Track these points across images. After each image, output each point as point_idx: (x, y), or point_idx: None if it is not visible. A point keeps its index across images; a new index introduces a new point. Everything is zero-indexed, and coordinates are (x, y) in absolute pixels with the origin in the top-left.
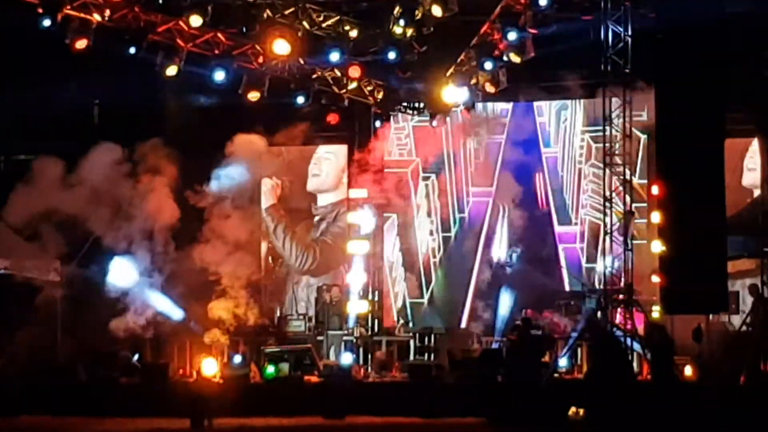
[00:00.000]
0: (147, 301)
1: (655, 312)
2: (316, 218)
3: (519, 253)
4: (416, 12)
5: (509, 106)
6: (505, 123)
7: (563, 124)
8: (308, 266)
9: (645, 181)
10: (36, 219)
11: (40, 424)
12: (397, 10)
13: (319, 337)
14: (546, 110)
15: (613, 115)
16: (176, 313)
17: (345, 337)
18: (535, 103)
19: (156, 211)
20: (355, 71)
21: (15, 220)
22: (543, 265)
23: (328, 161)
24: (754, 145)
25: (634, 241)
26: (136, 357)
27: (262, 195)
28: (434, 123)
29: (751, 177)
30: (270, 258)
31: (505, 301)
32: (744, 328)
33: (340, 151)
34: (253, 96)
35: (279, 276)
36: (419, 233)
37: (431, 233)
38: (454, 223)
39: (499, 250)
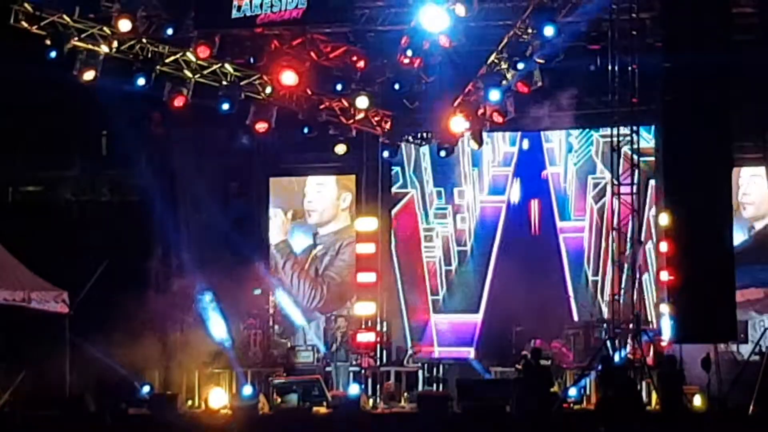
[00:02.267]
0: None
1: (664, 341)
2: (319, 248)
3: None
4: (423, 42)
5: (515, 149)
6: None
7: (593, 189)
8: (316, 304)
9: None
10: None
11: None
12: (404, 40)
13: (327, 368)
14: (559, 157)
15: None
16: (225, 339)
17: (352, 368)
18: (545, 144)
19: None
20: (362, 102)
21: None
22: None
23: (320, 194)
24: (744, 176)
25: None
26: (147, 389)
27: (270, 229)
28: (442, 153)
29: (750, 210)
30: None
31: None
32: (753, 357)
33: (330, 179)
34: (261, 127)
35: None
36: None
37: None
38: None
39: None
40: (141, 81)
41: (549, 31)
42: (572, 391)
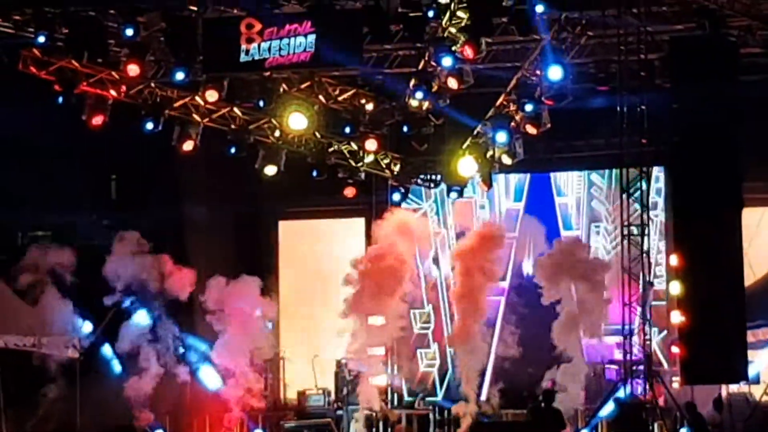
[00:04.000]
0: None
1: (675, 383)
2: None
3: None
4: (432, 84)
5: (520, 205)
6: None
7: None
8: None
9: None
10: None
11: None
12: (413, 82)
13: (339, 412)
14: (576, 218)
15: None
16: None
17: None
18: (558, 199)
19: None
20: (371, 144)
21: None
22: None
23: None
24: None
25: None
26: None
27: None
28: (453, 195)
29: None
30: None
31: None
32: (765, 397)
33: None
34: (270, 170)
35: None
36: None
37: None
38: None
39: None
40: (149, 125)
41: (556, 72)
42: None
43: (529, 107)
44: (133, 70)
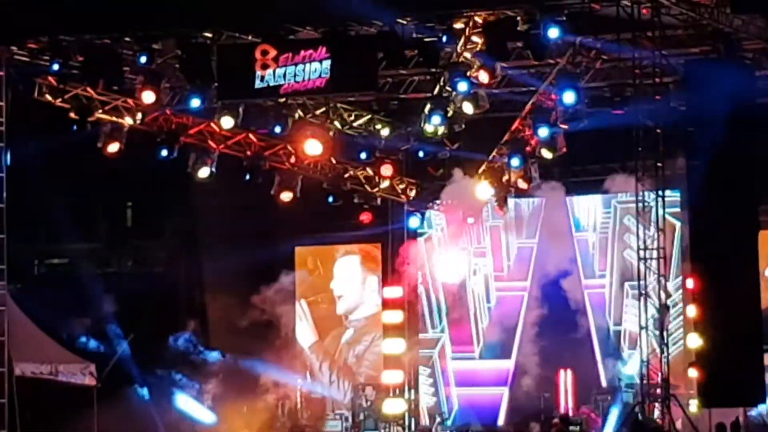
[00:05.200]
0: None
1: (693, 406)
2: (350, 333)
3: None
4: (447, 109)
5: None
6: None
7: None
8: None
9: None
10: None
11: None
12: (428, 107)
13: None
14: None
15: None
16: (208, 418)
17: None
18: (576, 235)
19: None
20: (387, 169)
21: None
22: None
23: (346, 279)
24: None
25: None
26: None
27: (298, 329)
28: (469, 220)
29: None
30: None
31: None
32: None
33: (353, 260)
34: (286, 197)
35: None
36: None
37: None
38: None
39: None
40: (165, 152)
41: (570, 96)
42: None
43: (544, 131)
44: (148, 97)
